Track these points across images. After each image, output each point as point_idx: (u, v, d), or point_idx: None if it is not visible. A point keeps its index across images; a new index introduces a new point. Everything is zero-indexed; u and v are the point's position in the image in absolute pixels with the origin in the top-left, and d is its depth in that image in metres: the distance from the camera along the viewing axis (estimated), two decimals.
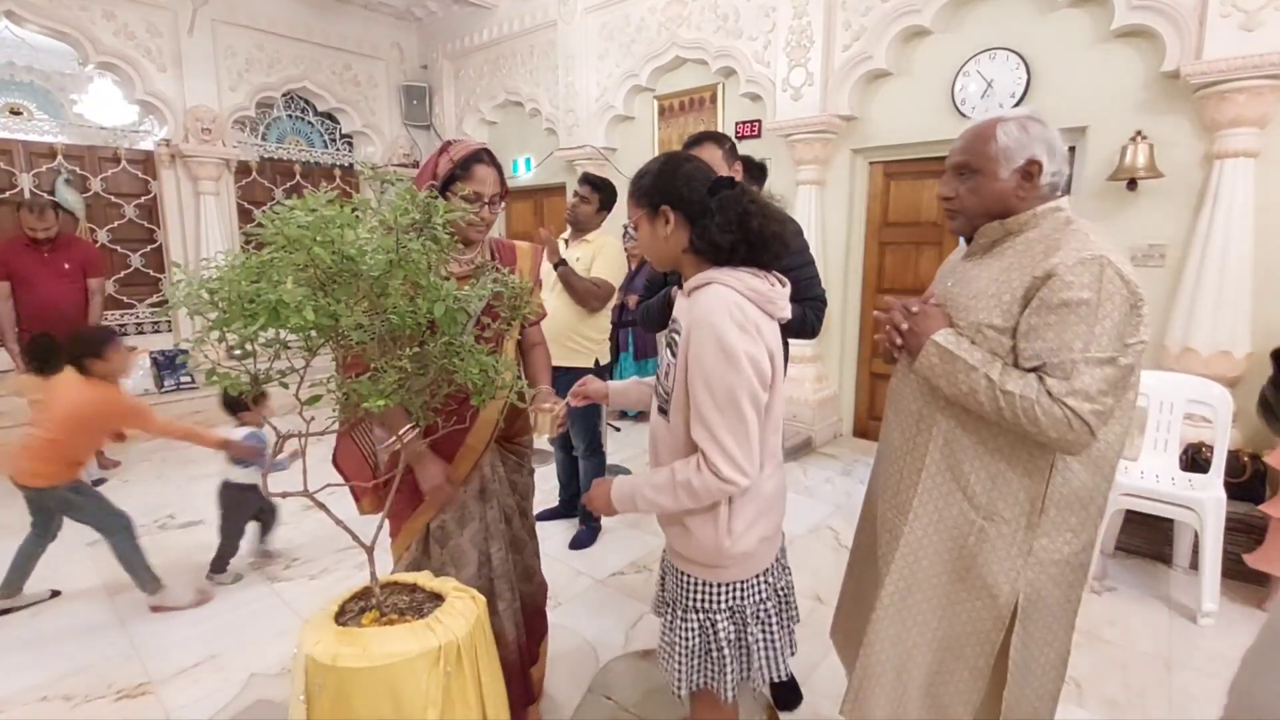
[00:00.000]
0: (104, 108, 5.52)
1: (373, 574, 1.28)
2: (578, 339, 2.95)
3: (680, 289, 1.33)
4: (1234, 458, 2.78)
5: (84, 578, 2.86)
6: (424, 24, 6.81)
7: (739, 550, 1.29)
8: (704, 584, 1.33)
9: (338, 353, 1.07)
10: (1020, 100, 3.59)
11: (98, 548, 3.12)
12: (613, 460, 4.24)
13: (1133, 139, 3.18)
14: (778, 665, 1.38)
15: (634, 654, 2.32)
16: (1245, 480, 2.79)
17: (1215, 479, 2.62)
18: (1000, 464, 1.24)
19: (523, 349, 1.84)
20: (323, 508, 1.25)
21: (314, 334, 0.96)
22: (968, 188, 1.28)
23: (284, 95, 6.22)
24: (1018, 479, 1.24)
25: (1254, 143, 2.90)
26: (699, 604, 1.33)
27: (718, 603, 1.33)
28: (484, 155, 1.61)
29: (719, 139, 1.99)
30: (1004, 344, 1.21)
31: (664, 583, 1.49)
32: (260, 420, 2.72)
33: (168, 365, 5.33)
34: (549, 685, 2.05)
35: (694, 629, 1.34)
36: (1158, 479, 2.74)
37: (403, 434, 1.42)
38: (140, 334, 5.62)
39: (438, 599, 1.28)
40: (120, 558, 2.58)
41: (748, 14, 4.52)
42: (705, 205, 1.23)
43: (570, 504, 3.37)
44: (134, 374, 5.14)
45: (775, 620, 1.39)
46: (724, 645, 1.32)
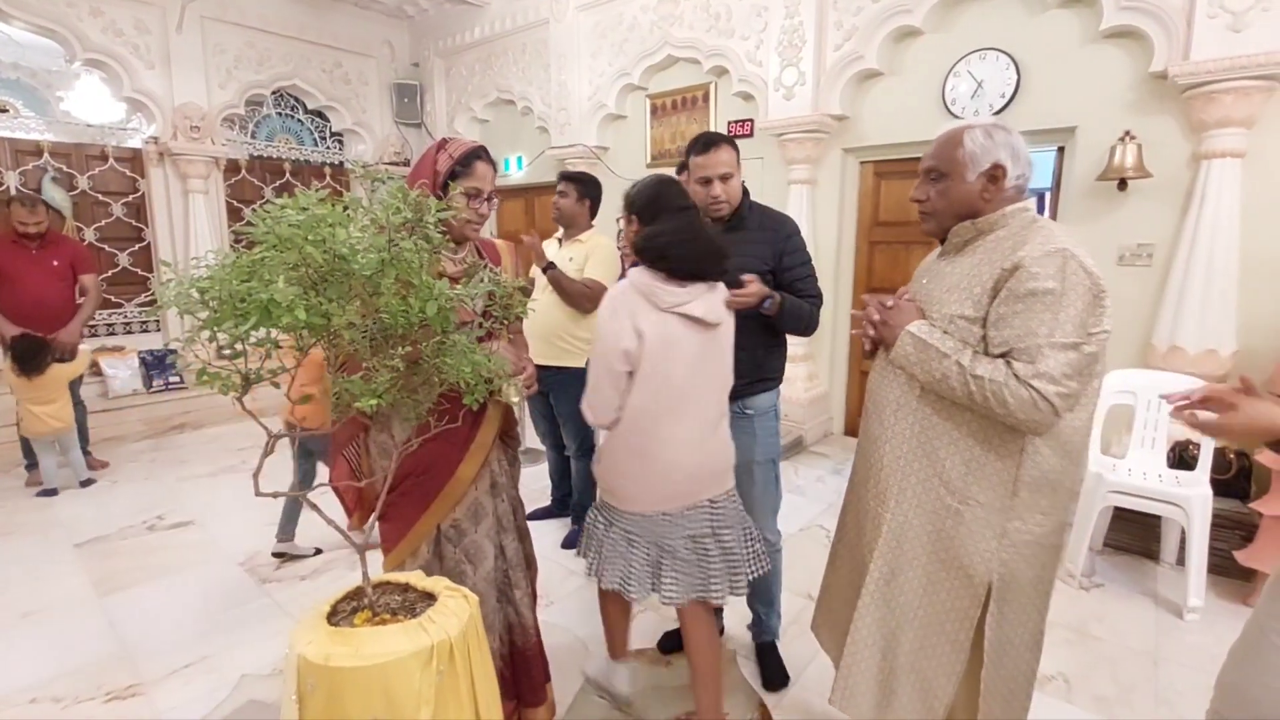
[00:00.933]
0: (91, 105, 5.48)
1: (364, 574, 1.28)
2: (569, 339, 2.94)
3: None
4: (1220, 455, 2.81)
5: (72, 579, 2.84)
6: (415, 21, 6.78)
7: (606, 483, 1.70)
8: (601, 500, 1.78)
9: (329, 353, 1.07)
10: (1011, 100, 3.61)
11: (85, 549, 3.11)
12: None
13: (1121, 139, 3.20)
14: (680, 594, 1.69)
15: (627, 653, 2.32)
16: (1231, 477, 2.82)
17: (1202, 476, 2.65)
18: (974, 449, 1.30)
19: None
20: (314, 508, 1.25)
21: (305, 333, 0.95)
22: (938, 191, 1.36)
23: (274, 93, 6.18)
24: (991, 463, 1.30)
25: (1241, 143, 2.92)
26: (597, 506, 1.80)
27: (607, 514, 1.75)
28: (482, 152, 1.64)
29: (732, 143, 2.00)
30: (975, 333, 1.29)
31: None
32: None
33: (156, 365, 5.29)
34: None
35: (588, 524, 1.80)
36: (1145, 476, 2.77)
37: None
38: (129, 334, 5.58)
39: (430, 598, 1.28)
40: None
41: (740, 13, 4.52)
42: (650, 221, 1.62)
43: (562, 503, 3.36)
44: (122, 373, 5.10)
45: (679, 560, 1.69)
46: (602, 545, 1.74)
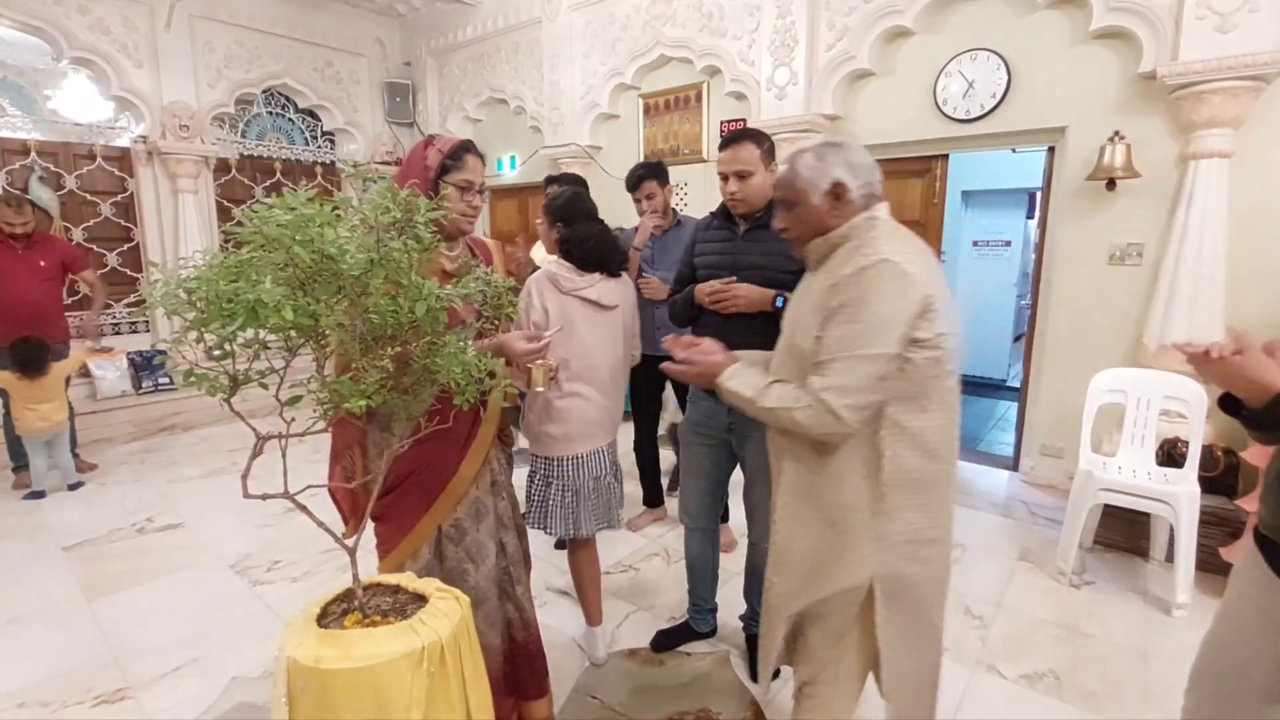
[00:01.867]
0: (79, 104, 5.43)
1: (355, 575, 1.27)
2: None
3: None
4: (1208, 452, 2.83)
5: (60, 582, 2.81)
6: (407, 20, 6.75)
7: (533, 430, 2.07)
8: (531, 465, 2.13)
9: (318, 354, 1.06)
10: (1002, 100, 3.63)
11: (73, 552, 3.08)
12: None
13: (1111, 139, 3.22)
14: (573, 528, 2.10)
15: (620, 653, 2.32)
16: (1219, 474, 2.84)
17: (1190, 474, 2.67)
18: (843, 462, 1.34)
19: None
20: (303, 509, 1.24)
21: (294, 334, 0.95)
22: (793, 218, 1.42)
23: (264, 92, 6.14)
24: (857, 473, 1.33)
25: (1228, 143, 2.94)
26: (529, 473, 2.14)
27: (541, 471, 2.10)
28: (470, 145, 1.64)
29: (758, 138, 2.00)
30: (816, 353, 1.33)
31: None
32: None
33: (145, 366, 5.25)
34: None
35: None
36: (1134, 474, 2.79)
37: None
38: (118, 334, 5.52)
39: (421, 600, 1.27)
40: None
41: (732, 13, 4.52)
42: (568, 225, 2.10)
43: None
44: (110, 375, 5.06)
45: (588, 497, 2.11)
46: (545, 503, 2.09)
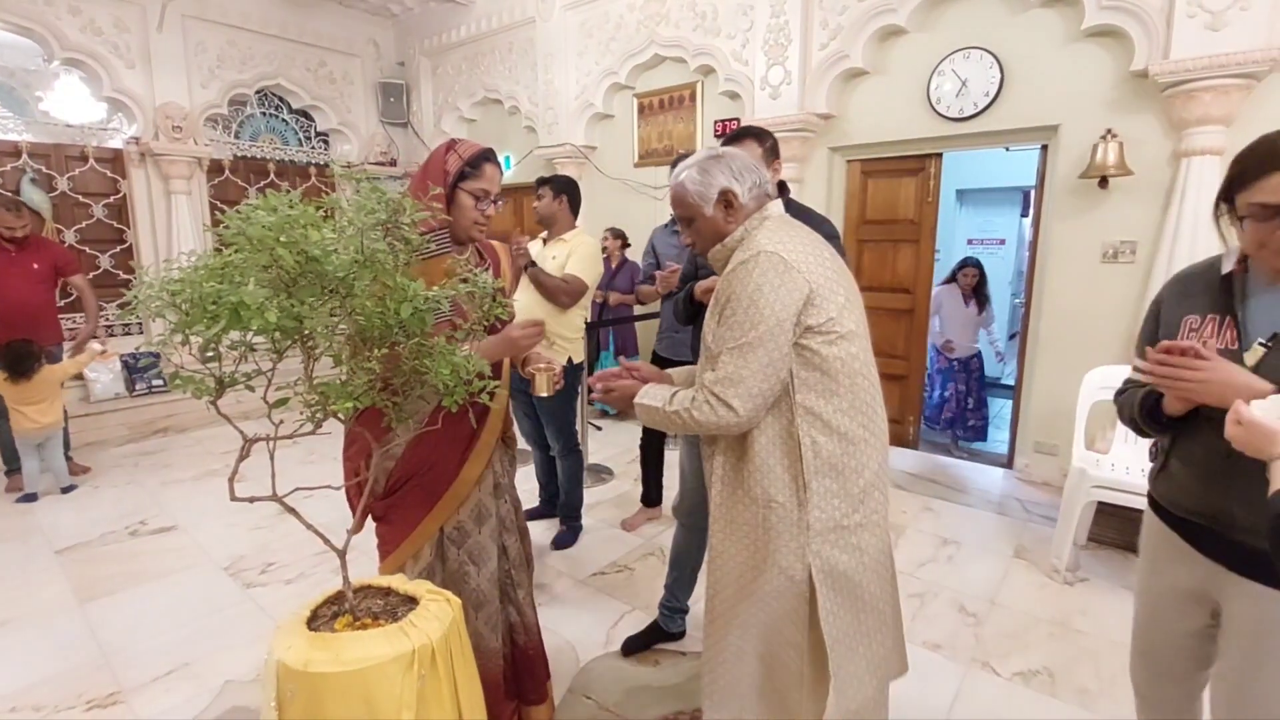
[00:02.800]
0: (71, 105, 5.40)
1: (345, 578, 1.27)
2: (551, 336, 2.95)
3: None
4: None
5: (52, 586, 2.80)
6: (400, 20, 6.74)
7: None
8: None
9: (306, 356, 1.05)
10: (995, 99, 3.63)
11: (66, 555, 3.07)
12: (595, 459, 4.24)
13: (1103, 137, 3.23)
14: None
15: (614, 654, 2.32)
16: None
17: None
18: (763, 455, 1.36)
19: None
20: (292, 512, 1.23)
21: (278, 336, 0.94)
22: (694, 232, 1.46)
23: (257, 92, 6.13)
24: (779, 464, 1.35)
25: (1219, 141, 2.96)
26: None
27: None
28: (491, 155, 1.64)
29: (760, 136, 2.03)
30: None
31: None
32: None
33: (139, 368, 5.23)
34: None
35: None
36: (1128, 471, 2.79)
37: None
38: (111, 336, 5.50)
39: (412, 602, 1.27)
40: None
41: (726, 12, 4.52)
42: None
43: (550, 504, 3.36)
44: (104, 377, 5.04)
45: None
46: None
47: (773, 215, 1.42)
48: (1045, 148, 3.68)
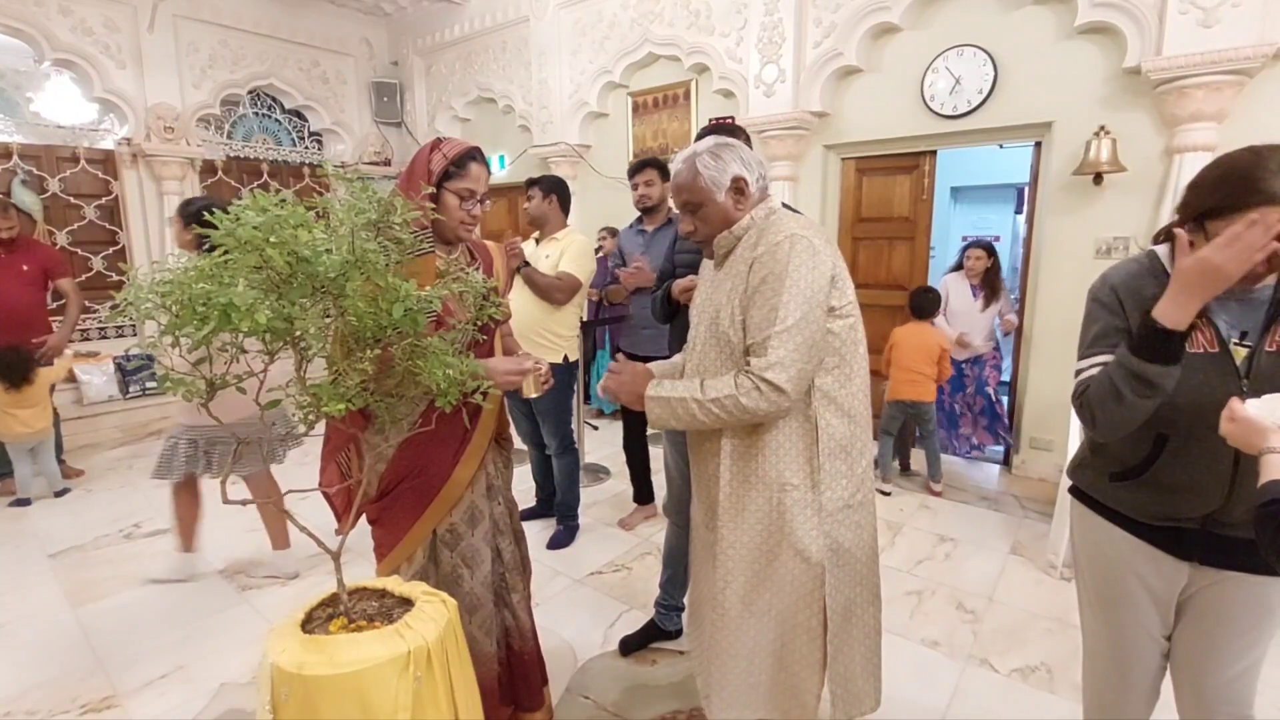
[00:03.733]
0: (62, 106, 5.36)
1: (339, 580, 1.26)
2: (547, 335, 2.95)
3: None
4: None
5: (46, 590, 2.78)
6: (393, 19, 6.71)
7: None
8: None
9: (297, 357, 1.05)
10: (989, 96, 3.64)
11: (59, 559, 3.05)
12: (592, 459, 4.23)
13: (1097, 134, 3.24)
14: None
15: (612, 653, 2.32)
16: None
17: None
18: (778, 438, 1.38)
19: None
20: (287, 515, 1.23)
21: (269, 337, 0.93)
22: (700, 219, 1.46)
23: (250, 92, 6.09)
24: (794, 446, 1.37)
25: (1212, 137, 2.96)
26: None
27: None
28: (476, 154, 1.63)
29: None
30: (743, 338, 1.36)
31: None
32: None
33: (132, 370, 5.20)
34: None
35: None
36: None
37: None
38: (104, 338, 5.47)
39: (407, 604, 1.26)
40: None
41: (720, 10, 4.52)
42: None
43: (547, 503, 3.35)
44: (97, 380, 5.01)
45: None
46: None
47: (778, 207, 1.45)
48: (1039, 144, 3.69)
